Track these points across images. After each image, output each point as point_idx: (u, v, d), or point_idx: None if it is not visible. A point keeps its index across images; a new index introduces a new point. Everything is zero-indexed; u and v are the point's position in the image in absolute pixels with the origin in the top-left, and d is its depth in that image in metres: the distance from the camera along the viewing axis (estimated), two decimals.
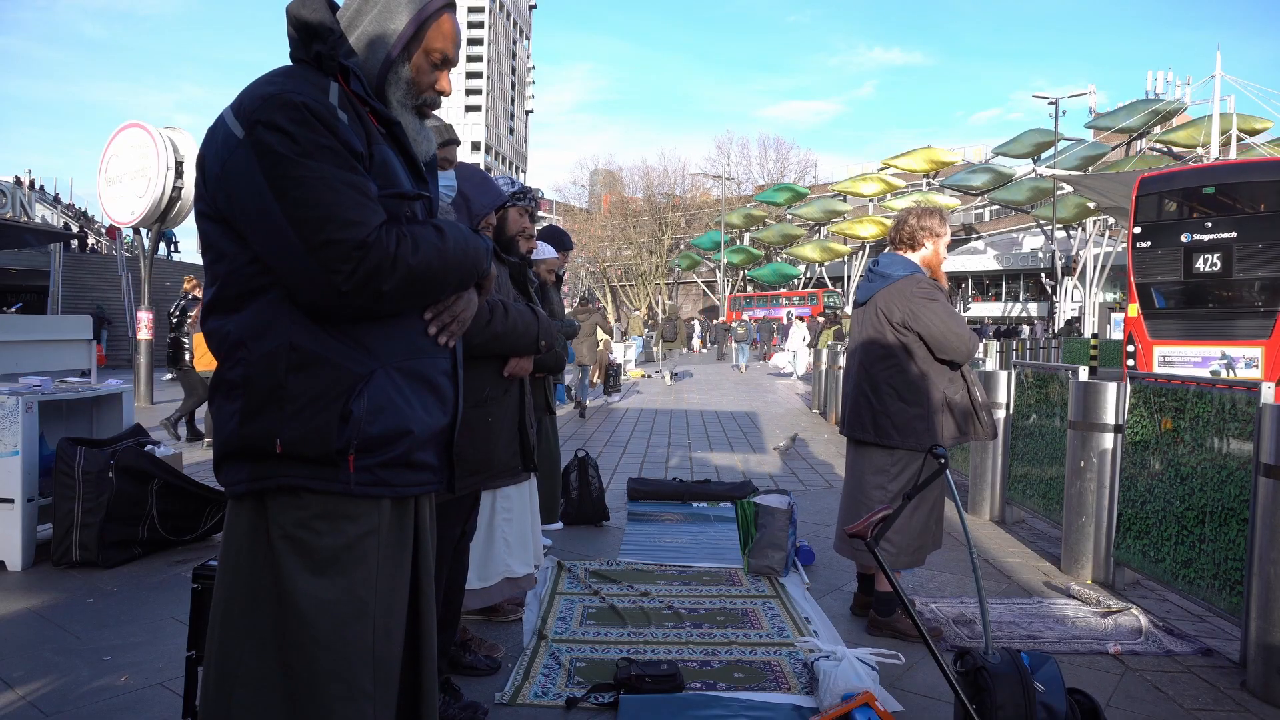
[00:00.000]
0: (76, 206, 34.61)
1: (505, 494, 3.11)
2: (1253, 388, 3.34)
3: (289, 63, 1.50)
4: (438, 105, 1.66)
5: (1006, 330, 37.58)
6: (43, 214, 29.18)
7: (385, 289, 1.40)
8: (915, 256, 3.48)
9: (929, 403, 3.32)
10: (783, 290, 46.78)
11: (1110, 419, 4.22)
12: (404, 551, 1.54)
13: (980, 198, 43.63)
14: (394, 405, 1.46)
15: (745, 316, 40.49)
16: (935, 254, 3.48)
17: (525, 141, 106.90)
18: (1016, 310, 45.48)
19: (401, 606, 1.54)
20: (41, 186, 33.47)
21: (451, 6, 1.60)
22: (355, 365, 1.44)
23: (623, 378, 15.29)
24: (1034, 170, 38.27)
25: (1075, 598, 3.94)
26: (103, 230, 28.62)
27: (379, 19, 1.53)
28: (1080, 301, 36.15)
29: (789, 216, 48.71)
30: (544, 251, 3.97)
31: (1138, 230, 11.50)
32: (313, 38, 1.47)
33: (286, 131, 1.36)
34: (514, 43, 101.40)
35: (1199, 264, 10.72)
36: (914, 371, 3.34)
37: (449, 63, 1.61)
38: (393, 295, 1.42)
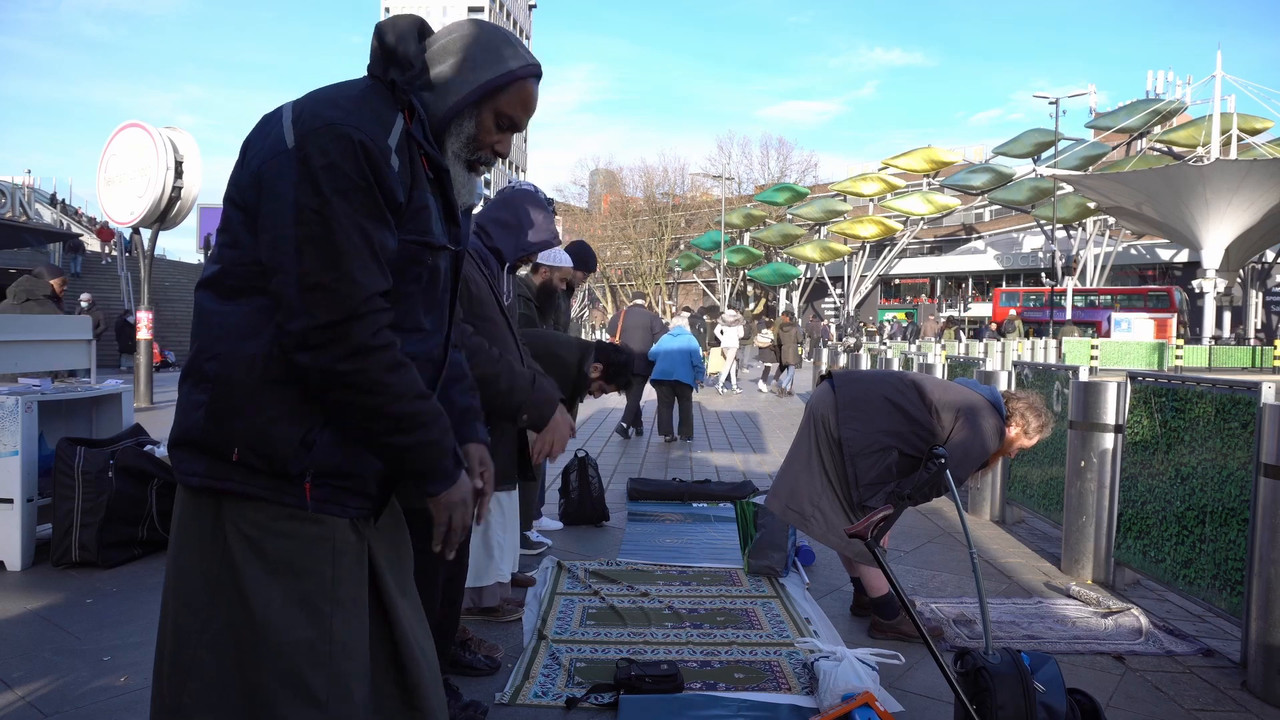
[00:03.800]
0: (78, 209, 34.54)
1: (498, 500, 3.16)
2: (1253, 388, 3.34)
3: (363, 73, 1.49)
4: (491, 164, 1.61)
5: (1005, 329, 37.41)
6: (49, 217, 29.12)
7: (339, 367, 1.35)
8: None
9: (890, 439, 3.29)
10: (1104, 286, 37.06)
11: (1110, 419, 4.22)
12: (362, 559, 1.50)
13: (980, 197, 43.65)
14: (355, 446, 1.43)
15: (1015, 316, 30.74)
16: (1011, 439, 3.42)
17: (525, 141, 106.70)
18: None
19: (362, 612, 1.49)
20: (47, 192, 33.41)
21: (537, 76, 1.55)
22: None
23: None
24: (1034, 170, 38.29)
25: (1075, 598, 3.93)
26: (94, 227, 28.35)
27: (460, 66, 1.49)
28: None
29: (789, 216, 48.70)
30: (559, 258, 3.82)
31: None
32: (392, 63, 1.45)
33: (332, 163, 1.34)
34: None
35: None
36: (910, 421, 3.30)
37: (516, 128, 1.57)
38: (337, 376, 1.36)
